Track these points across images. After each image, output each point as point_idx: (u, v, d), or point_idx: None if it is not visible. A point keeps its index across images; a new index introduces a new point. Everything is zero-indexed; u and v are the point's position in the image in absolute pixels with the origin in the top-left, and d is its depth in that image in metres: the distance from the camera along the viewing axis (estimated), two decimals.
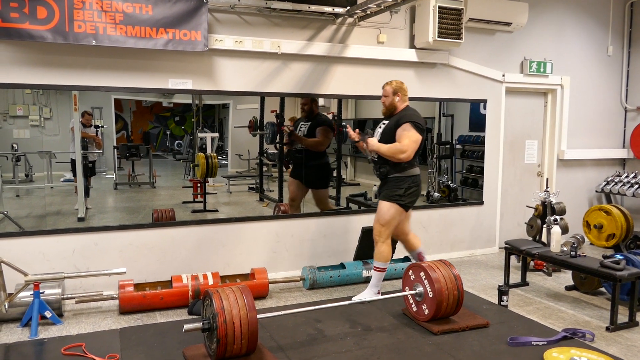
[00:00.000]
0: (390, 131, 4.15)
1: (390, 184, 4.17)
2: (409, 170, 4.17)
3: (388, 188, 4.18)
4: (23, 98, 4.96)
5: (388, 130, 4.18)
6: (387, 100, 4.25)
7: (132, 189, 6.44)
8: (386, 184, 4.20)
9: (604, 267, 4.00)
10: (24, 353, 3.38)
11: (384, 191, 4.22)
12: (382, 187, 4.27)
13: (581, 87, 6.68)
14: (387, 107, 4.26)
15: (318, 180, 5.59)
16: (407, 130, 4.05)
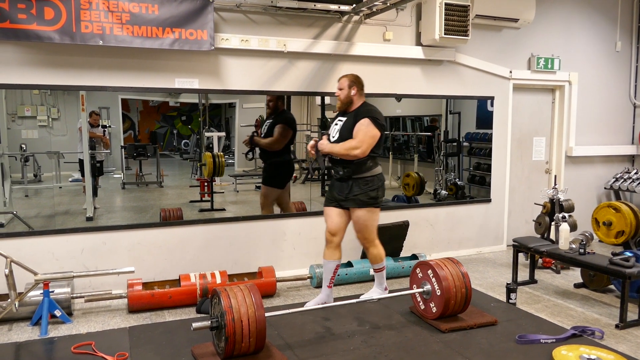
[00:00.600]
0: (350, 128, 3.88)
1: (358, 186, 3.89)
2: (375, 169, 3.96)
3: (360, 192, 3.89)
4: (31, 99, 4.99)
5: (347, 128, 3.90)
6: (342, 94, 3.98)
7: (139, 188, 6.46)
8: (352, 187, 3.90)
9: (613, 264, 3.98)
10: (35, 351, 3.41)
11: (354, 196, 3.90)
12: (342, 189, 3.95)
13: (589, 84, 6.64)
14: (343, 101, 3.99)
15: (272, 178, 5.41)
16: (365, 125, 3.82)
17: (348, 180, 3.92)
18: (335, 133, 3.97)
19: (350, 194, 3.91)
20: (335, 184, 4.02)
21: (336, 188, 4.01)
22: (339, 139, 3.90)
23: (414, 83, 5.57)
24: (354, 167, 3.88)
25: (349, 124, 3.90)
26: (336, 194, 4.00)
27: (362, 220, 3.95)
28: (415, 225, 5.57)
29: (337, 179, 3.99)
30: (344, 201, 3.96)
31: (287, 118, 5.35)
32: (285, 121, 5.30)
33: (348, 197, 3.93)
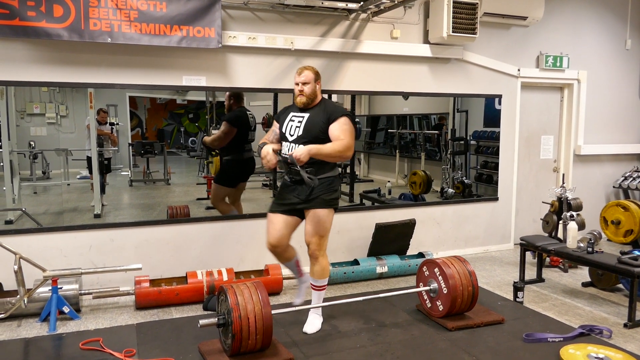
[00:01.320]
0: (319, 127, 3.52)
1: (322, 186, 3.56)
2: (336, 169, 3.69)
3: (323, 192, 3.56)
4: (40, 96, 5.03)
5: (315, 125, 3.53)
6: (308, 89, 3.57)
7: (146, 185, 6.49)
8: (314, 188, 3.53)
9: (621, 263, 3.95)
10: (43, 347, 3.43)
11: (317, 196, 3.55)
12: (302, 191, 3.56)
13: (598, 82, 6.59)
14: (308, 96, 3.58)
15: (219, 176, 5.38)
16: (347, 124, 3.52)
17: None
18: (293, 131, 3.58)
19: (312, 194, 3.55)
20: (293, 186, 3.61)
21: (294, 191, 3.61)
22: (304, 136, 3.52)
23: (421, 81, 5.55)
24: (317, 168, 3.51)
25: (316, 121, 3.53)
26: (293, 197, 3.60)
27: (323, 221, 3.58)
28: (421, 223, 5.56)
29: (298, 180, 3.53)
30: (302, 204, 3.58)
31: (231, 116, 5.22)
32: (228, 119, 5.21)
33: (310, 198, 3.55)
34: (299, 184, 3.55)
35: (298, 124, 3.59)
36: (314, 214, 3.59)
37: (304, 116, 3.60)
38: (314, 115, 3.58)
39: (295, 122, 3.61)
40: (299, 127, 3.58)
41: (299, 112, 3.65)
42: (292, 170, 3.49)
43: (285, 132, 3.63)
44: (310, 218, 3.61)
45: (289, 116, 3.68)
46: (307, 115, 3.59)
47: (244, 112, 5.27)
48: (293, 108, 3.71)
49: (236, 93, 5.16)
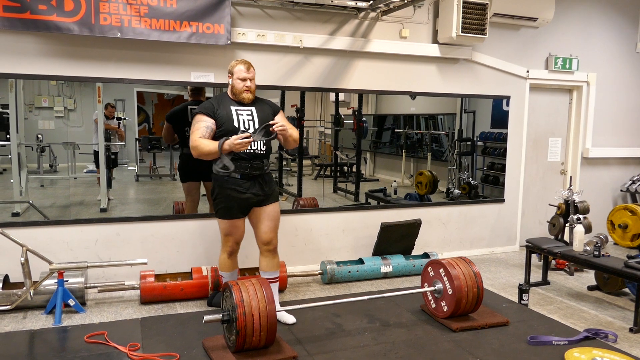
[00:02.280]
0: (270, 119, 3.61)
1: (272, 180, 3.74)
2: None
3: (274, 185, 3.76)
4: (48, 89, 5.04)
5: (268, 119, 3.61)
6: (254, 85, 3.67)
7: (153, 181, 6.50)
8: (269, 181, 3.69)
9: (628, 267, 3.93)
10: (48, 340, 3.45)
11: (272, 190, 3.69)
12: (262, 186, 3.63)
13: (608, 84, 6.55)
14: (254, 91, 3.68)
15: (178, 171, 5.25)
16: (284, 115, 3.82)
17: (264, 176, 3.66)
18: (247, 124, 3.60)
19: (270, 188, 3.68)
20: (248, 183, 3.59)
21: (251, 187, 3.59)
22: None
23: (430, 81, 5.54)
24: (269, 160, 3.69)
25: (266, 113, 3.66)
26: (251, 194, 3.60)
27: (278, 215, 3.73)
28: (427, 223, 5.54)
29: (258, 175, 3.59)
30: (262, 201, 3.65)
31: (168, 113, 5.12)
32: (166, 117, 5.09)
33: (269, 192, 3.66)
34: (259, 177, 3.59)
35: (249, 117, 3.61)
36: (272, 209, 3.68)
37: (250, 109, 3.65)
38: (260, 107, 3.68)
39: (244, 115, 3.61)
40: (251, 120, 3.61)
41: (241, 107, 3.64)
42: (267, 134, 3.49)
43: (239, 127, 3.56)
44: (268, 214, 3.66)
45: (232, 111, 3.60)
46: (254, 109, 3.65)
47: (184, 106, 5.05)
48: (229, 102, 3.65)
49: (194, 87, 4.94)
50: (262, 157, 3.60)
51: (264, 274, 3.78)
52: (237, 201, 3.60)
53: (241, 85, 3.59)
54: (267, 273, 3.77)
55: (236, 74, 3.61)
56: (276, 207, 3.71)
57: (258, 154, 3.58)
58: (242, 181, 3.57)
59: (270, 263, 3.77)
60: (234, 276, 3.91)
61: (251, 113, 3.62)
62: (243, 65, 3.62)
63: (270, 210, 3.66)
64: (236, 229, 3.72)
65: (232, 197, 3.59)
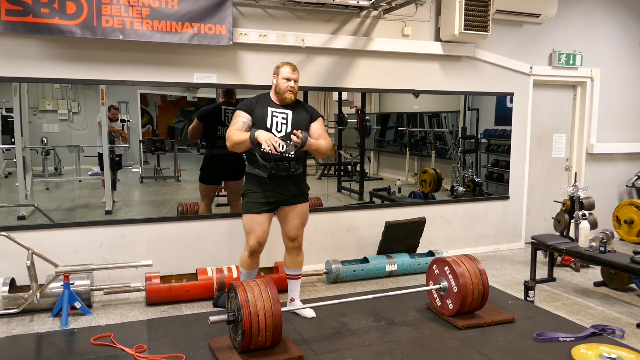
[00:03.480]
0: (305, 124, 3.68)
1: (302, 181, 3.85)
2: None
3: (305, 186, 3.86)
4: (52, 92, 5.06)
5: (302, 124, 3.67)
6: (297, 87, 3.70)
7: (157, 182, 6.51)
8: (299, 182, 3.79)
9: (634, 262, 3.92)
10: (55, 342, 3.46)
11: (300, 191, 3.79)
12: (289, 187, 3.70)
13: (612, 80, 6.52)
14: (295, 93, 3.70)
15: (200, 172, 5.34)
16: (323, 124, 3.81)
17: (293, 177, 3.73)
18: (280, 127, 3.63)
19: (298, 189, 3.76)
20: (274, 183, 3.67)
21: (277, 187, 3.68)
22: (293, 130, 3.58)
23: (433, 79, 5.52)
24: (301, 163, 3.78)
25: (302, 119, 3.69)
26: (277, 193, 3.69)
27: (307, 214, 3.85)
28: (432, 221, 5.53)
29: (284, 176, 3.66)
30: (288, 199, 3.73)
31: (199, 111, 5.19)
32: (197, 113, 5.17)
33: (296, 193, 3.75)
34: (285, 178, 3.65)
35: (283, 120, 3.64)
36: (301, 208, 3.78)
37: (287, 113, 3.66)
38: (297, 112, 3.69)
39: (279, 118, 3.64)
40: (285, 123, 3.63)
41: (279, 109, 3.67)
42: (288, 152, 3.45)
43: (271, 128, 3.61)
44: (297, 212, 3.77)
45: (268, 112, 3.64)
46: (290, 112, 3.67)
47: (217, 106, 5.11)
48: (269, 103, 3.69)
49: (226, 89, 5.03)
50: (289, 159, 3.61)
51: (287, 270, 3.93)
52: (263, 197, 3.68)
53: (285, 85, 3.63)
54: (290, 269, 3.91)
55: (281, 74, 3.66)
56: (304, 207, 3.80)
57: (285, 156, 3.58)
58: (268, 180, 3.65)
59: (295, 260, 3.90)
60: (251, 275, 3.88)
61: (286, 116, 3.65)
62: (289, 66, 3.68)
63: (298, 209, 3.77)
64: (257, 225, 3.70)
65: (257, 194, 3.69)
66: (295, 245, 3.86)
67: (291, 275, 3.93)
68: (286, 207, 3.76)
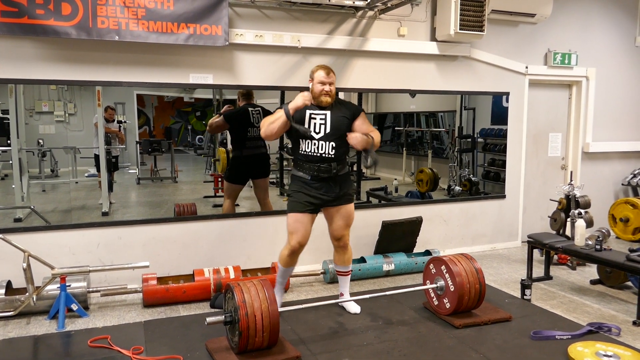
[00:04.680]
0: (345, 123, 3.71)
1: (346, 182, 3.83)
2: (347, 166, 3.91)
3: (349, 187, 3.86)
4: (48, 94, 5.06)
5: (342, 123, 3.70)
6: (333, 89, 3.73)
7: (154, 183, 6.52)
8: (342, 184, 3.77)
9: (630, 260, 3.93)
10: (52, 345, 3.45)
11: (344, 192, 3.79)
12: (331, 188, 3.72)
13: (607, 79, 6.54)
14: (333, 96, 3.74)
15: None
16: (366, 118, 3.84)
17: (336, 178, 3.74)
18: (319, 128, 3.68)
19: (342, 190, 3.76)
20: (318, 184, 3.72)
21: (320, 188, 3.72)
22: (333, 133, 3.66)
23: (429, 79, 5.53)
24: (343, 163, 3.79)
25: (341, 118, 3.70)
26: (320, 194, 3.72)
27: (352, 215, 3.87)
28: (428, 221, 5.54)
29: (327, 177, 3.70)
30: (332, 201, 3.76)
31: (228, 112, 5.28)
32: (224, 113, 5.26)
33: (340, 194, 3.76)
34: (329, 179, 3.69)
35: (322, 121, 3.67)
36: (345, 209, 3.81)
37: (325, 114, 3.69)
38: (336, 112, 3.71)
39: (317, 119, 3.68)
40: (323, 124, 3.67)
41: (317, 110, 3.70)
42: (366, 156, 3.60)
43: (311, 131, 3.68)
44: (342, 214, 3.80)
45: (307, 114, 3.69)
46: (329, 113, 3.69)
47: (244, 109, 5.23)
48: (311, 106, 3.71)
49: (243, 91, 5.19)
50: (330, 160, 3.67)
51: (336, 267, 4.06)
52: (307, 198, 3.72)
53: (320, 89, 3.67)
54: (338, 267, 4.04)
55: (316, 79, 3.70)
56: (348, 208, 3.82)
57: (325, 157, 3.67)
58: (312, 182, 3.71)
59: (342, 258, 3.99)
60: (287, 272, 3.98)
61: (325, 117, 3.68)
62: (323, 70, 3.71)
63: (344, 210, 3.81)
64: (301, 225, 3.72)
65: (301, 194, 3.73)
66: (341, 244, 3.93)
67: (340, 272, 4.06)
68: (331, 208, 3.80)
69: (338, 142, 3.67)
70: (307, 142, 3.69)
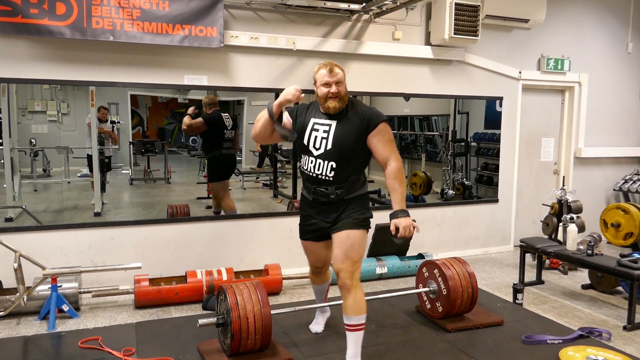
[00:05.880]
0: (352, 137, 2.90)
1: (354, 205, 3.01)
2: (366, 185, 3.13)
3: (356, 210, 3.00)
4: (41, 93, 5.03)
5: (347, 137, 2.89)
6: (342, 90, 2.92)
7: (147, 184, 6.49)
8: (344, 208, 2.99)
9: (621, 265, 3.95)
10: (42, 346, 3.43)
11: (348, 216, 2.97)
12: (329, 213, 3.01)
13: (600, 85, 6.59)
14: (343, 98, 2.92)
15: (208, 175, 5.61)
16: (389, 133, 2.94)
17: (338, 202, 3.01)
18: (319, 143, 2.92)
19: (342, 215, 3.00)
20: (318, 207, 3.07)
21: (321, 212, 3.06)
22: (335, 151, 2.89)
23: (423, 82, 5.55)
24: (349, 186, 2.97)
25: (348, 130, 2.90)
26: (319, 220, 3.07)
27: (356, 244, 2.96)
28: (421, 224, 5.48)
29: (325, 202, 3.01)
30: (331, 226, 3.03)
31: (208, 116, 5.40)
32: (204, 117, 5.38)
33: (339, 220, 3.00)
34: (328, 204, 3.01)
35: (324, 134, 2.91)
36: (346, 235, 2.94)
37: (330, 125, 2.92)
38: (343, 123, 2.91)
39: (320, 132, 2.93)
40: (325, 138, 2.90)
41: (322, 119, 2.96)
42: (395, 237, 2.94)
43: (308, 145, 2.96)
44: (340, 241, 2.95)
45: (309, 123, 2.98)
46: (334, 124, 2.92)
47: (219, 114, 5.39)
48: (315, 113, 3.02)
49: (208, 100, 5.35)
50: (327, 183, 2.95)
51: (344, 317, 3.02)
52: (306, 225, 3.19)
53: (324, 92, 2.90)
54: (344, 316, 3.00)
55: (319, 80, 2.95)
56: (351, 234, 2.94)
57: (322, 180, 2.96)
58: (314, 204, 3.08)
59: (345, 303, 2.97)
60: (320, 290, 3.59)
61: (329, 129, 2.92)
62: (325, 68, 2.92)
63: (343, 237, 2.94)
64: (309, 251, 3.31)
65: (303, 217, 3.22)
66: (340, 282, 2.96)
67: (347, 326, 3.01)
68: (333, 234, 3.03)
69: (341, 162, 2.91)
70: (306, 158, 3.00)
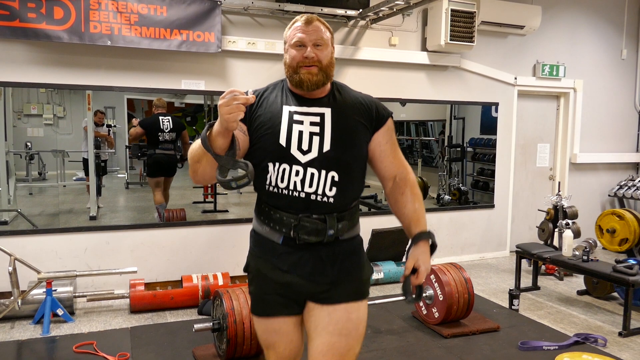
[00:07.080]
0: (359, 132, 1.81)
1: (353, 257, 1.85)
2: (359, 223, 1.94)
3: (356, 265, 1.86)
4: (38, 97, 5.01)
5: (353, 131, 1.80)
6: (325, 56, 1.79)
7: (143, 188, 6.46)
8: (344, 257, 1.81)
9: (616, 271, 3.97)
10: (36, 350, 3.41)
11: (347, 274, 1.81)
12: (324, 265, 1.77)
13: (594, 91, 6.63)
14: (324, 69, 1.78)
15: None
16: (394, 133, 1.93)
17: (335, 246, 1.80)
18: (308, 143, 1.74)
19: (344, 272, 1.82)
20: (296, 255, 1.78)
21: (301, 264, 1.78)
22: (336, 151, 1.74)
23: (419, 88, 5.57)
24: (350, 217, 1.84)
25: (351, 124, 1.80)
26: (297, 276, 1.79)
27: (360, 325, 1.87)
28: None
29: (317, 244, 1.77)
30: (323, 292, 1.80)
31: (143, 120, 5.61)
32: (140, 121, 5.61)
33: (339, 277, 1.80)
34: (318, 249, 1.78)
35: (315, 128, 1.76)
36: (345, 312, 1.81)
37: (321, 113, 1.78)
38: (343, 110, 1.81)
39: (305, 124, 1.76)
40: (319, 134, 1.75)
41: (305, 107, 1.79)
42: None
43: (288, 147, 1.74)
44: (333, 321, 1.80)
45: (283, 113, 1.79)
46: (329, 112, 1.79)
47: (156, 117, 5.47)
48: (284, 97, 1.86)
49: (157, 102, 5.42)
50: (325, 208, 1.76)
51: None
52: (273, 284, 1.83)
53: (295, 56, 1.81)
54: None
55: (289, 39, 1.87)
56: (353, 309, 1.83)
57: (315, 202, 1.74)
58: (284, 249, 1.80)
59: None
60: None
61: (320, 121, 1.78)
62: (301, 21, 1.85)
63: (339, 314, 1.80)
64: (277, 335, 1.89)
65: (264, 275, 1.86)
66: None
67: None
68: (315, 305, 1.82)
69: (345, 173, 1.77)
70: (281, 169, 1.75)
